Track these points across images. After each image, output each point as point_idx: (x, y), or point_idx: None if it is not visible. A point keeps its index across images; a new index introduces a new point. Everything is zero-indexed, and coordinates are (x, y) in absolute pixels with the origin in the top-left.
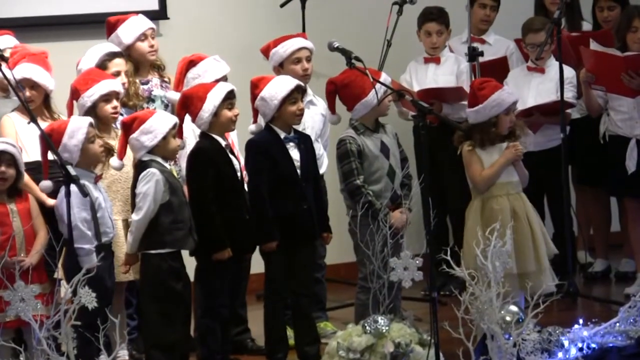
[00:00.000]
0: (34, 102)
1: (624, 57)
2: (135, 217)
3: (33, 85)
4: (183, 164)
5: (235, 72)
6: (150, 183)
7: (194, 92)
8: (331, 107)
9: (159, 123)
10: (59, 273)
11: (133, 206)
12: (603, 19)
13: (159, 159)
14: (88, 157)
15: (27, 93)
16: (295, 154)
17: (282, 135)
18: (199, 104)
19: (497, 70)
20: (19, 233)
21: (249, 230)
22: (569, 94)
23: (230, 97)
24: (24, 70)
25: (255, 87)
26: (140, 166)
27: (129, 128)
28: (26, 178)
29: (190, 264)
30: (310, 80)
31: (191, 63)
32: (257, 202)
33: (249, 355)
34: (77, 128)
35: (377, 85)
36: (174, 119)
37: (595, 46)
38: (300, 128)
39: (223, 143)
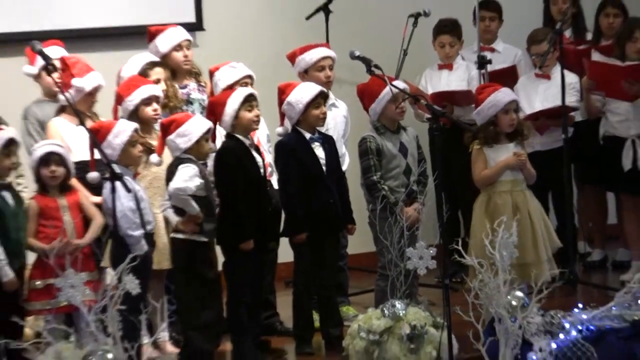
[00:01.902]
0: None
1: (624, 66)
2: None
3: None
4: (210, 162)
5: (264, 78)
6: (192, 168)
7: (216, 99)
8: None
9: (193, 127)
10: (105, 261)
11: None
12: (607, 25)
13: (193, 159)
14: (128, 157)
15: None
16: (320, 152)
17: (308, 136)
18: (221, 109)
19: (507, 78)
20: (69, 225)
21: (271, 222)
22: (572, 98)
23: (249, 100)
24: (97, 78)
25: (282, 92)
26: (176, 161)
27: (166, 130)
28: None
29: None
30: (332, 86)
31: (211, 72)
32: (287, 198)
33: (278, 337)
34: (123, 130)
35: (395, 89)
36: (208, 124)
37: (598, 57)
38: (323, 129)
39: (247, 142)
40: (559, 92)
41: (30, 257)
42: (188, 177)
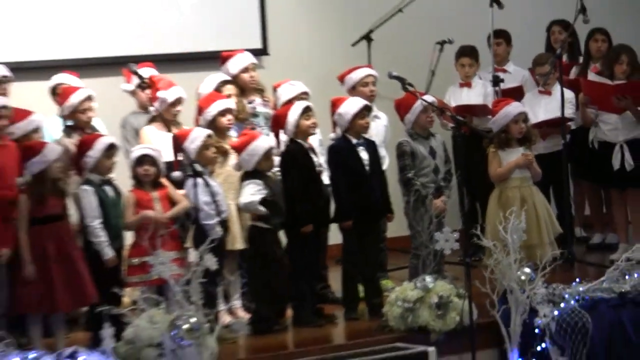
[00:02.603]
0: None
1: (614, 85)
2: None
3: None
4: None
5: (320, 93)
6: (254, 184)
7: (280, 112)
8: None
9: (253, 152)
10: (189, 243)
11: None
12: (596, 49)
13: (259, 171)
14: (203, 158)
15: (180, 107)
16: (364, 155)
17: (354, 141)
18: (284, 119)
19: (516, 94)
20: (160, 214)
21: (324, 211)
22: (569, 111)
23: (306, 111)
24: (179, 92)
25: (334, 105)
26: (244, 176)
27: (240, 149)
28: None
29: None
30: (375, 100)
31: (274, 87)
32: (337, 191)
33: (329, 305)
34: (197, 136)
35: (425, 103)
36: (271, 143)
37: (593, 77)
38: (367, 136)
39: (306, 146)
40: (558, 105)
41: (128, 240)
42: (251, 193)
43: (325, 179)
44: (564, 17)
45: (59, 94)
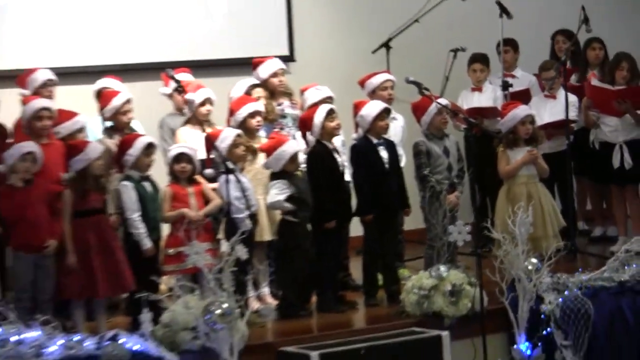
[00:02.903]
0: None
1: (615, 90)
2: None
3: (211, 102)
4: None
5: (343, 97)
6: (280, 184)
7: (306, 115)
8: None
9: (280, 156)
10: (221, 234)
11: None
12: (594, 56)
13: (285, 172)
14: (233, 156)
15: (210, 107)
16: (384, 154)
17: (375, 141)
18: (311, 122)
19: (523, 97)
20: (194, 208)
21: (346, 206)
22: (572, 113)
23: (331, 113)
24: (208, 92)
25: (356, 107)
26: (271, 176)
27: (268, 152)
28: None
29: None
30: (392, 103)
31: (302, 91)
32: (358, 187)
33: (351, 292)
34: (227, 136)
35: (440, 105)
36: (297, 147)
37: (595, 82)
38: (386, 136)
39: (330, 146)
40: (563, 108)
41: (164, 231)
42: (277, 192)
43: (347, 176)
44: (566, 27)
45: (101, 97)
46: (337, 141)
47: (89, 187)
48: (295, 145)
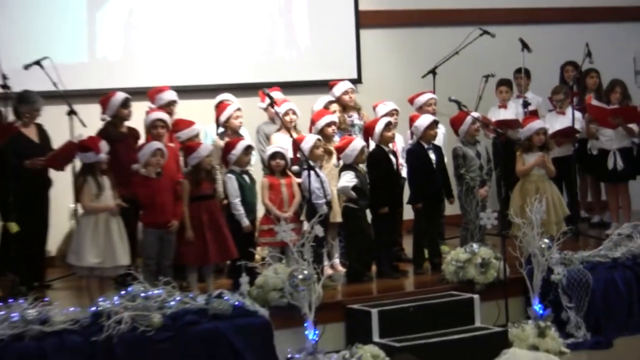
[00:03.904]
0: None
1: (610, 108)
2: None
3: (295, 112)
4: None
5: (403, 112)
6: (349, 174)
7: (369, 125)
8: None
9: (353, 149)
10: (303, 216)
11: None
12: (593, 83)
13: (353, 166)
14: (313, 156)
15: (292, 116)
16: (432, 156)
17: (426, 146)
18: (372, 131)
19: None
20: (285, 196)
21: (398, 197)
22: (578, 126)
23: (388, 125)
24: (290, 105)
25: (411, 120)
26: (342, 167)
27: (342, 149)
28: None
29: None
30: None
31: (374, 107)
32: (412, 182)
33: (403, 263)
34: (309, 140)
35: (474, 118)
36: (364, 143)
37: (595, 102)
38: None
39: (387, 150)
40: (570, 122)
41: (259, 213)
42: (346, 180)
43: (404, 173)
44: (572, 58)
45: (218, 108)
46: (399, 145)
47: (201, 178)
48: (362, 141)
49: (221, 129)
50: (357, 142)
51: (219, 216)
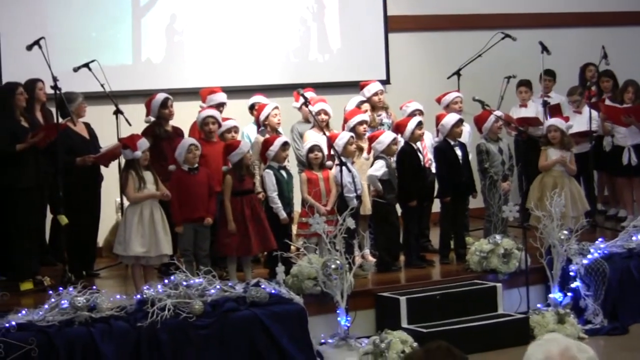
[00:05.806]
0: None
1: (623, 108)
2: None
3: (326, 113)
4: None
5: (429, 111)
6: (381, 163)
7: (401, 122)
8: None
9: (383, 141)
10: (335, 209)
11: None
12: (605, 87)
13: (384, 157)
14: (346, 152)
15: (325, 116)
16: (458, 152)
17: (452, 143)
18: (403, 128)
19: (557, 109)
20: (322, 190)
21: (426, 190)
22: (594, 124)
23: (419, 124)
24: (323, 105)
25: (438, 119)
26: (375, 157)
27: (373, 139)
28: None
29: None
30: (460, 114)
31: (401, 107)
32: (440, 177)
33: (429, 253)
34: (343, 137)
35: (497, 117)
36: (393, 136)
37: (609, 102)
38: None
39: (415, 147)
40: (587, 120)
41: (296, 207)
42: (377, 168)
43: (433, 168)
44: (588, 61)
45: (256, 109)
46: (427, 142)
47: (243, 173)
48: (392, 134)
49: (261, 128)
50: (389, 133)
51: (260, 210)
